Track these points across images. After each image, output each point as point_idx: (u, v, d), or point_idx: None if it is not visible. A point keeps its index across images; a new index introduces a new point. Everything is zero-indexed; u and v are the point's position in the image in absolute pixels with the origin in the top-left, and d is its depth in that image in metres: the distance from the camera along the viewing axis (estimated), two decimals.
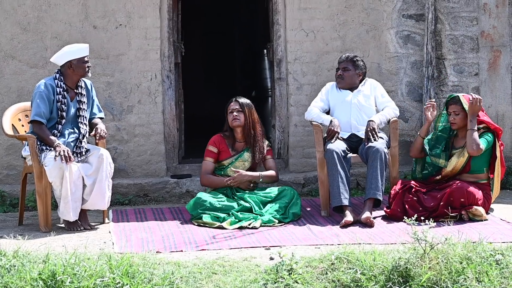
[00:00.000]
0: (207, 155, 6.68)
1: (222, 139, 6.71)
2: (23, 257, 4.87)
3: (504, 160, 7.84)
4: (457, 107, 6.32)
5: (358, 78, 6.89)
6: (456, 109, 6.32)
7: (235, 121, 6.63)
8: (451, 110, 6.35)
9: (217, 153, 6.66)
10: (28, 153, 6.18)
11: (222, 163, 6.68)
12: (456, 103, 6.33)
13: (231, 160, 6.66)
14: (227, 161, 6.67)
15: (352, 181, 7.62)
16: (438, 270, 4.62)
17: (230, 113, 6.65)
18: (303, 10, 7.79)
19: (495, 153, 6.32)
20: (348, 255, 4.89)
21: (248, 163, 6.69)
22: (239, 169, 6.63)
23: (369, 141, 6.47)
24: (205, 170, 6.65)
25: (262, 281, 4.71)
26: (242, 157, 6.68)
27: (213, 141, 6.70)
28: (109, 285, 4.49)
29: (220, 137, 6.72)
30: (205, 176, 6.63)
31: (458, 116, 6.31)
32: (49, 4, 7.51)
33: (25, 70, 7.51)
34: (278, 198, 6.50)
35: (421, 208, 6.12)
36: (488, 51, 8.01)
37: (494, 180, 6.39)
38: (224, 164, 6.68)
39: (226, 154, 6.68)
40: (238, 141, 6.71)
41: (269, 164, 6.75)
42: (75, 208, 6.10)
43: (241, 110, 6.64)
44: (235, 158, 6.66)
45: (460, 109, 6.31)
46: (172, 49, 7.79)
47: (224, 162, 6.68)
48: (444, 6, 7.92)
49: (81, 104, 6.34)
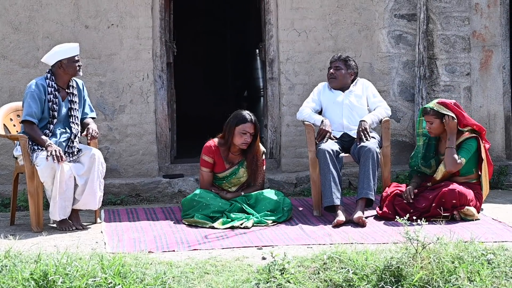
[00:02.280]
0: (203, 165, 6.51)
1: (217, 149, 6.49)
2: (14, 257, 4.86)
3: (495, 160, 7.90)
4: (429, 117, 6.31)
5: (350, 78, 6.89)
6: (429, 119, 6.32)
7: (244, 145, 6.39)
8: (426, 119, 6.36)
9: (212, 163, 6.52)
10: (20, 153, 6.17)
11: (216, 175, 6.56)
12: (427, 113, 6.34)
13: (226, 175, 6.53)
14: (222, 175, 6.54)
15: (344, 180, 7.62)
16: (430, 270, 4.63)
17: (243, 134, 6.36)
18: (295, 10, 7.79)
19: (481, 155, 6.33)
20: (340, 255, 4.90)
21: (244, 179, 6.59)
22: (234, 184, 6.56)
23: (361, 141, 6.48)
24: (206, 182, 6.52)
25: (254, 281, 4.72)
26: (237, 175, 6.53)
27: (208, 151, 6.50)
28: (101, 285, 4.48)
29: (215, 147, 6.49)
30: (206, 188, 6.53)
31: (433, 125, 6.31)
32: (40, 4, 7.49)
33: (16, 70, 7.49)
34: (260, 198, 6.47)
35: (412, 210, 6.11)
36: (479, 51, 8.03)
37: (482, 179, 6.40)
38: (218, 176, 6.56)
39: (221, 166, 6.52)
40: (232, 153, 6.53)
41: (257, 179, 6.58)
42: (63, 208, 6.09)
43: (254, 134, 6.40)
44: (230, 173, 6.52)
45: (433, 118, 6.29)
46: (164, 49, 7.78)
47: (218, 175, 6.56)
48: (435, 6, 7.94)
49: (72, 104, 6.33)
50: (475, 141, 6.29)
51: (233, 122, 6.41)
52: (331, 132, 6.61)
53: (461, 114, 6.30)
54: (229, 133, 6.41)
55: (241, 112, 6.46)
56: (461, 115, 6.30)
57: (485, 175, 6.35)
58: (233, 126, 6.40)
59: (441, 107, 6.30)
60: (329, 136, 6.57)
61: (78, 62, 6.26)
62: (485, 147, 6.36)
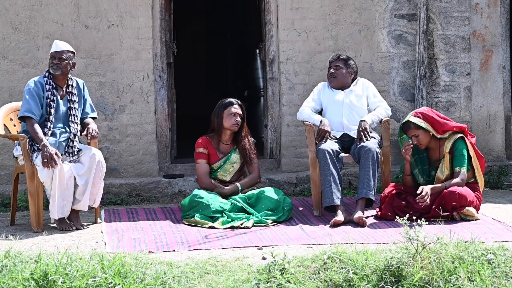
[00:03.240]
0: (199, 157, 6.61)
1: (209, 141, 6.65)
2: (14, 257, 4.86)
3: (495, 160, 7.90)
4: (413, 131, 6.27)
5: (350, 77, 6.90)
6: (414, 133, 6.27)
7: (235, 126, 6.58)
8: (411, 135, 6.31)
9: (207, 155, 6.62)
10: (20, 153, 6.17)
11: (211, 166, 6.65)
12: (409, 128, 6.30)
13: (220, 164, 6.64)
14: (216, 164, 6.64)
15: (344, 180, 7.62)
16: (430, 270, 4.63)
17: (232, 116, 6.56)
18: (295, 10, 7.79)
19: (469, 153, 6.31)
20: (340, 255, 4.90)
21: (237, 165, 6.67)
22: (229, 172, 6.64)
23: (361, 141, 6.48)
24: (203, 173, 6.59)
25: (255, 281, 4.72)
26: (230, 160, 6.65)
27: (201, 144, 6.63)
28: (101, 285, 4.48)
29: (207, 139, 6.66)
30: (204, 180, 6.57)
31: (419, 137, 6.27)
32: (40, 4, 7.49)
33: (16, 70, 7.49)
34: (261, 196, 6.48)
35: (412, 212, 6.07)
36: (480, 51, 8.03)
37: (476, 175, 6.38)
38: (213, 167, 6.65)
39: (214, 157, 6.64)
40: (223, 143, 6.66)
41: (252, 169, 6.71)
42: (62, 207, 6.09)
43: (242, 116, 6.60)
44: (223, 161, 6.64)
45: (415, 130, 6.25)
46: (165, 49, 7.78)
47: (213, 165, 6.65)
48: (436, 6, 7.94)
49: (72, 103, 6.33)
50: (462, 143, 6.25)
51: (220, 107, 6.65)
52: (330, 131, 6.61)
53: (437, 122, 6.25)
54: (218, 119, 6.61)
55: (225, 99, 6.71)
56: (437, 122, 6.25)
57: (477, 169, 6.33)
58: (221, 110, 6.62)
59: (418, 119, 6.25)
60: (328, 136, 6.57)
61: (55, 60, 6.22)
62: (471, 143, 6.33)
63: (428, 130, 6.24)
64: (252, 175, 6.71)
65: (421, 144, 6.30)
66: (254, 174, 6.71)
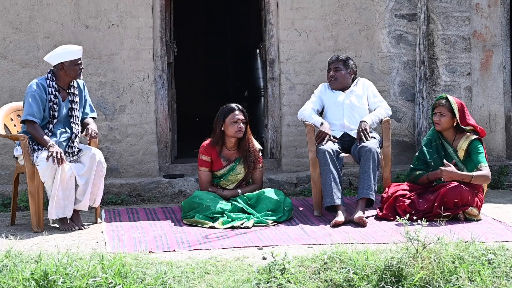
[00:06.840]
0: (202, 165, 6.55)
1: (213, 147, 6.54)
2: (15, 257, 4.86)
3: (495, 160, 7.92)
4: (443, 108, 6.28)
5: (350, 78, 6.90)
6: (443, 111, 6.28)
7: (240, 133, 6.46)
8: (437, 111, 6.31)
9: (210, 162, 6.55)
10: (20, 153, 6.17)
11: (214, 173, 6.59)
12: (443, 104, 6.31)
13: (224, 172, 6.57)
14: (220, 172, 6.57)
15: (345, 180, 7.62)
16: (430, 270, 4.63)
17: (234, 123, 6.43)
18: (296, 10, 7.79)
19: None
20: (340, 255, 4.90)
21: (241, 175, 6.61)
22: (232, 181, 6.59)
23: (361, 141, 6.48)
24: (204, 181, 6.55)
25: (255, 281, 4.72)
26: (235, 171, 6.57)
27: (205, 150, 6.54)
28: (101, 285, 4.48)
29: (211, 145, 6.55)
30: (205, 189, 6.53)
31: (444, 118, 6.28)
32: (41, 4, 7.49)
33: (17, 70, 7.49)
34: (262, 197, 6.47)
35: (414, 212, 6.07)
36: (480, 51, 8.03)
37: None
38: (216, 174, 6.59)
39: (218, 164, 6.55)
40: (228, 150, 6.58)
41: (255, 177, 6.64)
42: (64, 207, 6.09)
43: (245, 121, 6.49)
44: (227, 170, 6.56)
45: (446, 111, 6.27)
46: (165, 49, 7.78)
47: (216, 173, 6.58)
48: (436, 6, 7.94)
49: (73, 104, 6.33)
50: (479, 142, 6.28)
51: (222, 115, 6.51)
52: (330, 134, 6.60)
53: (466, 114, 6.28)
54: (221, 127, 6.48)
55: (226, 105, 6.57)
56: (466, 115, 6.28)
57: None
58: (223, 118, 6.48)
59: (454, 102, 6.28)
60: (328, 139, 6.56)
61: (80, 66, 6.25)
62: (484, 149, 6.36)
63: (455, 117, 6.24)
64: (255, 186, 6.62)
65: (439, 124, 6.29)
66: (256, 186, 6.63)
